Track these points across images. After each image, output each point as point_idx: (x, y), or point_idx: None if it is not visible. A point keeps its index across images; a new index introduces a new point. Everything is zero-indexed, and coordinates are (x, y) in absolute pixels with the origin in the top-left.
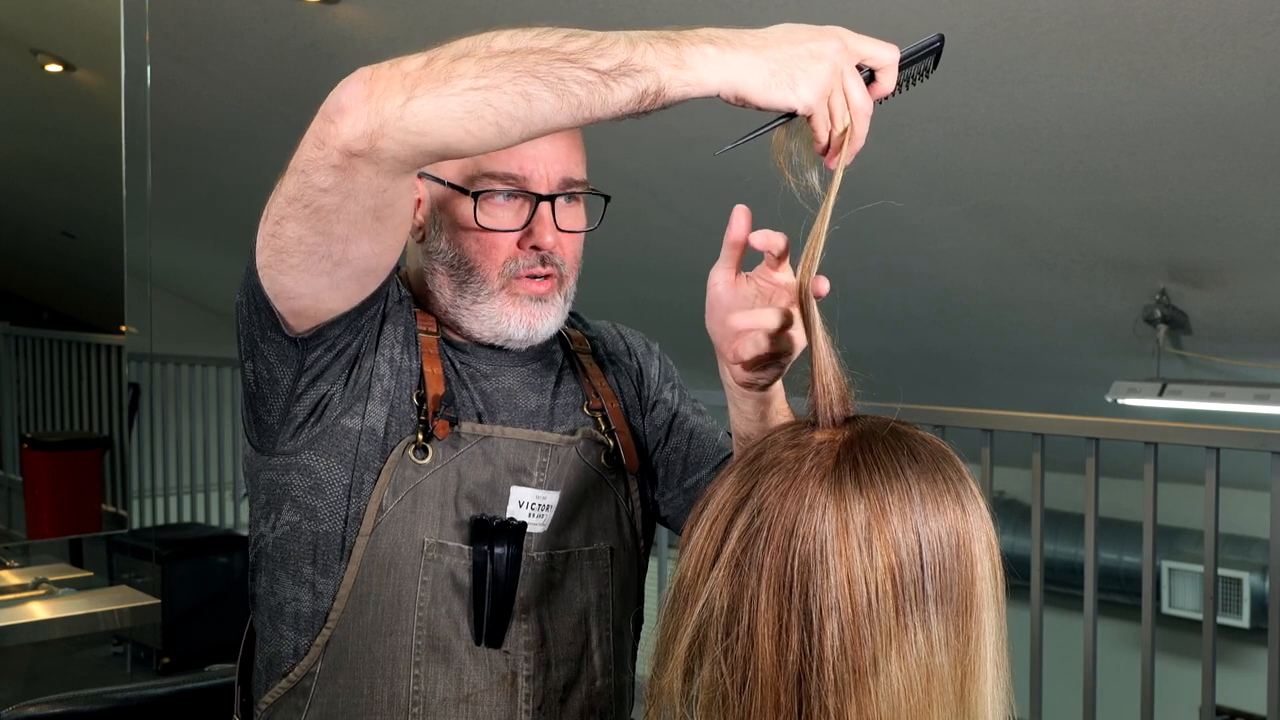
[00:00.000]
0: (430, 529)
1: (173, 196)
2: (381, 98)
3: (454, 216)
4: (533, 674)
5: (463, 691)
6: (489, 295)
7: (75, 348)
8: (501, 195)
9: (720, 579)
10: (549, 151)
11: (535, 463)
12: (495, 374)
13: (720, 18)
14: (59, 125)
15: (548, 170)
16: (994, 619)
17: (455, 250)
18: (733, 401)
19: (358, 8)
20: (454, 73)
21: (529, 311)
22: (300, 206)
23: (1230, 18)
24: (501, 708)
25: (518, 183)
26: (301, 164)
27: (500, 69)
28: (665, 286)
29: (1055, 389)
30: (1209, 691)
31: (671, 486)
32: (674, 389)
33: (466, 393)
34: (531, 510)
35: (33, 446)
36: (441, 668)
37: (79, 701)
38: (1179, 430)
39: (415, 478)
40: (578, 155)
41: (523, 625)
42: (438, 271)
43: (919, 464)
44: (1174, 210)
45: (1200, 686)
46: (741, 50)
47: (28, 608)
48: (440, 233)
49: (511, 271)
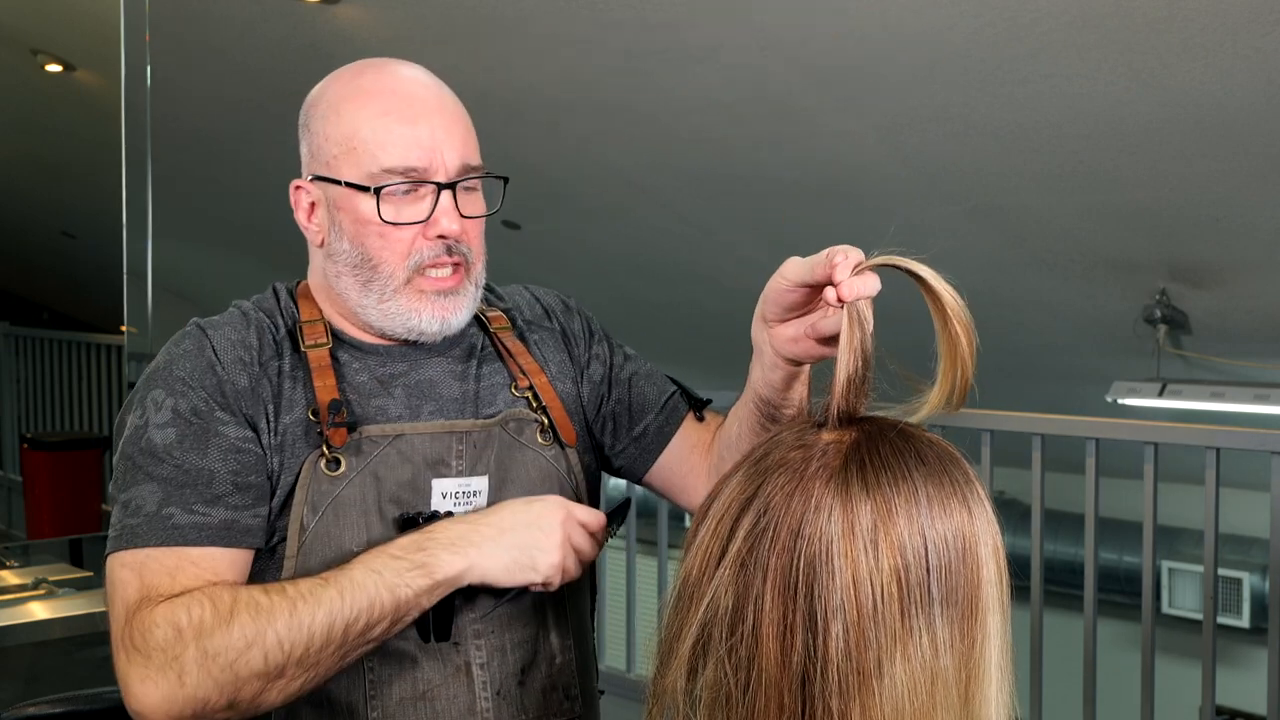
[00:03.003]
0: (356, 538)
1: (173, 196)
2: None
3: (354, 215)
4: (486, 661)
5: (419, 689)
6: (394, 291)
7: (75, 348)
8: (402, 189)
9: (725, 578)
10: (445, 140)
11: (452, 451)
12: (413, 369)
13: (720, 17)
14: (59, 125)
15: (445, 159)
16: (999, 622)
17: (358, 249)
18: (762, 366)
19: (358, 8)
20: (274, 697)
21: (439, 305)
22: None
23: (1230, 18)
24: (460, 699)
25: (419, 174)
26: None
27: (306, 684)
28: (664, 286)
29: (1055, 389)
30: (1209, 691)
31: (621, 438)
32: (602, 342)
33: (383, 399)
34: (457, 500)
35: (33, 446)
36: (394, 669)
37: (79, 701)
38: (1179, 430)
39: (332, 490)
40: (472, 140)
41: (469, 614)
42: (343, 274)
43: (926, 466)
44: (1174, 210)
45: (1200, 686)
46: (483, 544)
47: (28, 608)
48: (341, 234)
49: (416, 264)
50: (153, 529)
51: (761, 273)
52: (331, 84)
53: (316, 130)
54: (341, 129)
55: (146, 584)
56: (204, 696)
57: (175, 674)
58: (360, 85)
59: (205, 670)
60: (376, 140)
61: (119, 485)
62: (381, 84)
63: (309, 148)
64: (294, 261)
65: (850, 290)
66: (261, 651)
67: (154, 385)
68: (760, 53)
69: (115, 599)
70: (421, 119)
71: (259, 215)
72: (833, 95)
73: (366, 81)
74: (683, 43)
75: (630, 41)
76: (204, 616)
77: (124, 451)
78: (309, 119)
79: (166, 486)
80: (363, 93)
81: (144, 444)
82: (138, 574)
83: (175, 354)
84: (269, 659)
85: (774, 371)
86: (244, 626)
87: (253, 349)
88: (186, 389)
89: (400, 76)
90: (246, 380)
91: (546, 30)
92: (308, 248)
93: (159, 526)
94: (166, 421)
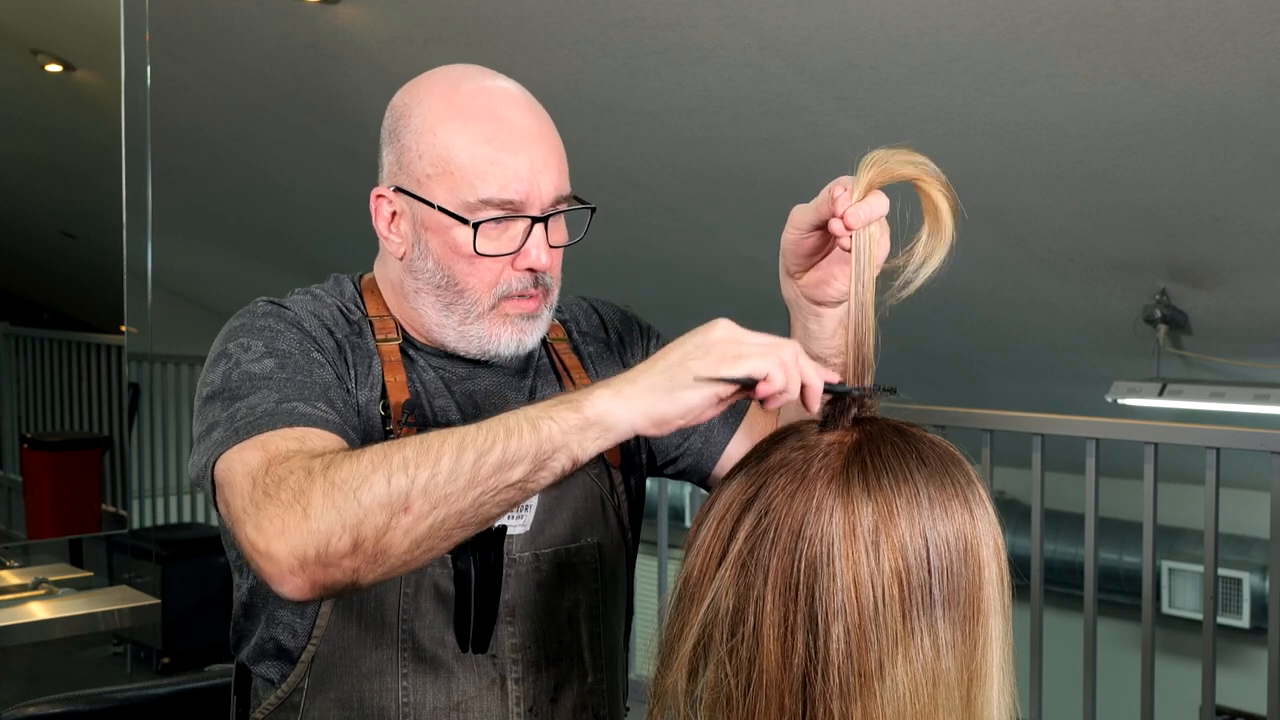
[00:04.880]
0: None
1: (173, 196)
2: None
3: (445, 239)
4: (521, 676)
5: (453, 700)
6: (478, 316)
7: (75, 348)
8: (496, 220)
9: (726, 579)
10: (543, 171)
11: None
12: (472, 376)
13: (720, 17)
14: (59, 125)
15: (542, 191)
16: (1001, 624)
17: (445, 272)
18: (802, 322)
19: (358, 8)
20: (399, 539)
21: (519, 329)
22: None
23: (1230, 18)
24: (493, 712)
25: (514, 207)
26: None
27: (435, 529)
28: (664, 286)
29: (1055, 389)
30: (1209, 691)
31: (689, 435)
32: (658, 342)
33: (445, 400)
34: (510, 513)
35: (33, 446)
36: (430, 677)
37: (79, 701)
38: (1179, 430)
39: None
40: (565, 168)
41: (509, 628)
42: (423, 291)
43: (927, 467)
44: (1174, 210)
45: (1200, 686)
46: (638, 378)
47: (28, 608)
48: (426, 253)
49: (503, 293)
50: (274, 418)
51: (762, 273)
52: (426, 95)
53: (409, 144)
54: (437, 149)
55: (271, 452)
56: (327, 530)
57: (301, 508)
58: (458, 103)
59: (329, 499)
60: (475, 169)
61: (214, 414)
62: (481, 104)
63: (397, 158)
64: (293, 261)
65: (856, 217)
66: (386, 475)
67: (235, 336)
68: (760, 53)
69: (236, 481)
70: (522, 148)
71: (259, 215)
72: (833, 95)
73: (465, 99)
74: (683, 43)
75: (630, 41)
76: (335, 455)
77: (211, 395)
78: (398, 129)
79: (283, 388)
80: (461, 113)
81: (238, 378)
82: (260, 449)
83: (251, 314)
84: (392, 483)
85: (815, 321)
86: (373, 455)
87: (328, 322)
88: (275, 333)
89: (500, 96)
90: (332, 342)
91: (546, 30)
92: (379, 246)
93: (283, 415)
94: (261, 355)
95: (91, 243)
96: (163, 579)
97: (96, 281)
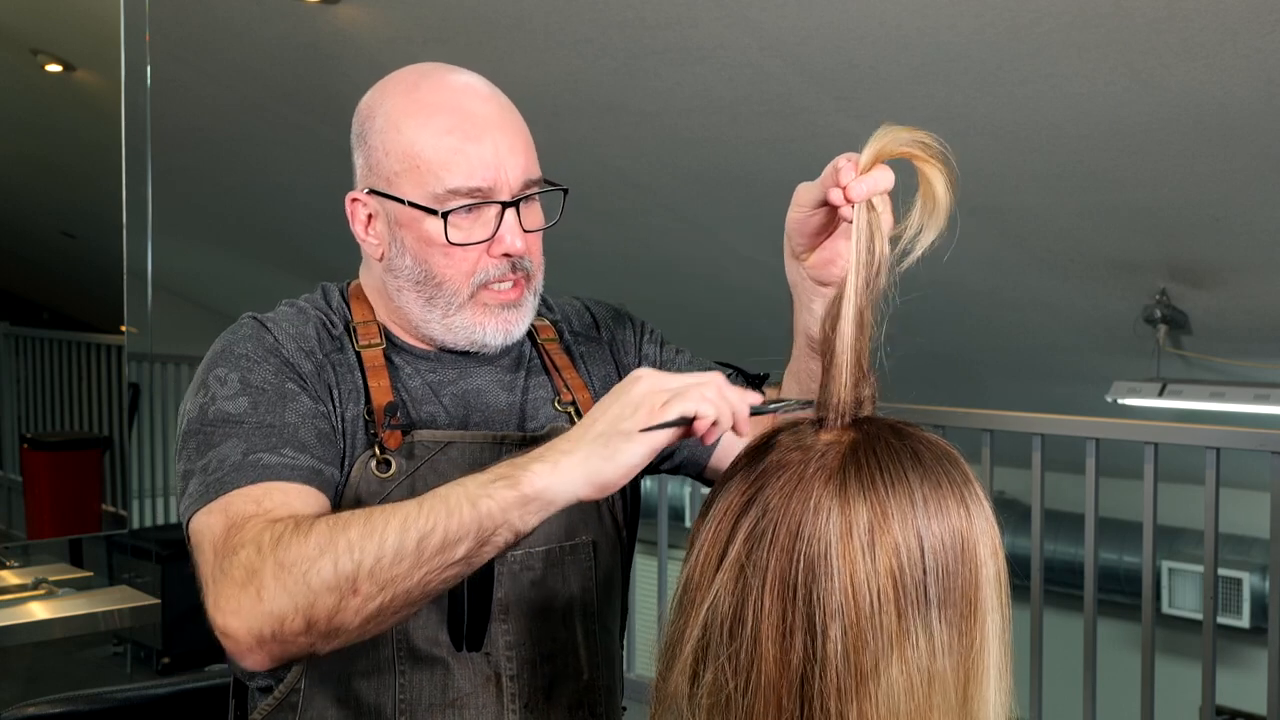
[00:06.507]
0: None
1: (173, 196)
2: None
3: (418, 234)
4: (516, 673)
5: (448, 697)
6: (459, 307)
7: (75, 348)
8: (466, 208)
9: (725, 582)
10: (508, 156)
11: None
12: (462, 377)
13: (720, 17)
14: (59, 125)
15: (509, 176)
16: (998, 623)
17: (422, 266)
18: (806, 307)
19: (358, 8)
20: (350, 617)
21: (502, 318)
22: None
23: (1230, 18)
24: (489, 709)
25: (483, 194)
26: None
27: (384, 607)
28: (664, 286)
29: (1055, 389)
30: (1209, 691)
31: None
32: (652, 342)
33: (433, 406)
34: None
35: (33, 446)
36: (425, 675)
37: (79, 701)
38: (1179, 430)
39: (381, 491)
40: (532, 152)
41: (503, 626)
42: (404, 289)
43: (923, 466)
44: (1174, 210)
45: (1200, 686)
46: (577, 441)
47: (28, 608)
48: (403, 250)
49: (481, 281)
50: (240, 473)
51: (762, 273)
52: (387, 95)
53: (375, 145)
54: (402, 146)
55: (232, 516)
56: (280, 612)
57: (254, 589)
58: (419, 99)
59: (280, 583)
60: (440, 160)
61: (191, 458)
62: (441, 98)
63: (366, 161)
64: (293, 261)
65: (859, 190)
66: (332, 559)
67: (215, 366)
68: (760, 53)
69: (204, 547)
70: (485, 136)
71: (259, 215)
72: (832, 95)
73: (425, 94)
74: (683, 43)
75: (630, 41)
76: (284, 531)
77: (189, 430)
78: (365, 131)
79: (250, 438)
80: (423, 107)
81: (213, 415)
82: (223, 514)
83: (233, 339)
84: (339, 567)
85: (819, 302)
86: (319, 536)
87: (311, 340)
88: (252, 364)
89: (459, 89)
90: (311, 366)
91: (546, 30)
92: (361, 254)
93: (247, 469)
94: (236, 392)
95: (91, 243)
96: (163, 579)
97: (96, 281)
